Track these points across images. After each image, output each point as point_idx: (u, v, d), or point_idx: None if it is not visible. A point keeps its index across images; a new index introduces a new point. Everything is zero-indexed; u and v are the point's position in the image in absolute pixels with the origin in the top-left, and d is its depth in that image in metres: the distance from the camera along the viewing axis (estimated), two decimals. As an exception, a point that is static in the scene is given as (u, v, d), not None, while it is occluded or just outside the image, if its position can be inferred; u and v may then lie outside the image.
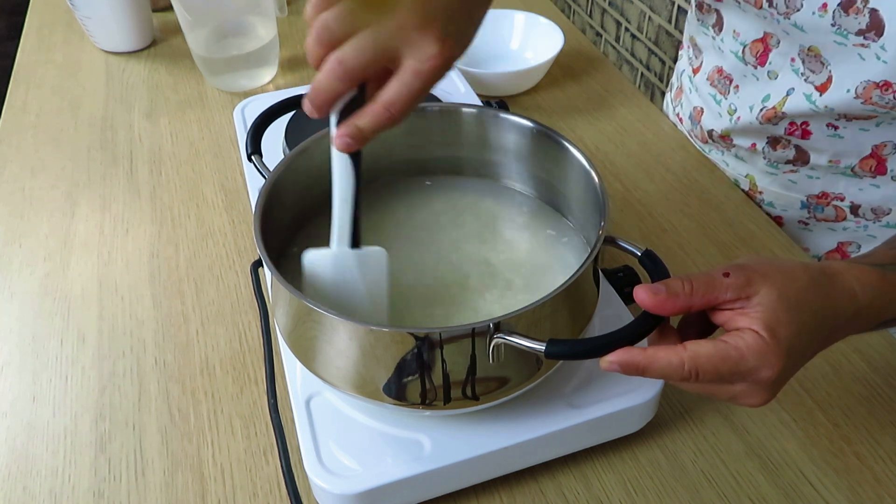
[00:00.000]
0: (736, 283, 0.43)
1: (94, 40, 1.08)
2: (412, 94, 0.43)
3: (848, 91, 0.64)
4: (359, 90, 0.45)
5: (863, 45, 0.62)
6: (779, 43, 0.70)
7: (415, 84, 0.43)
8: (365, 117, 0.44)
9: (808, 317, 0.43)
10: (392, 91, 0.43)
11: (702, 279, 0.43)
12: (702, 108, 0.84)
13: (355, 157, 0.48)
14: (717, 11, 0.78)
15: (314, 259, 0.50)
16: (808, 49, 0.66)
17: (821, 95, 0.67)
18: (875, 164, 0.72)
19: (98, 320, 0.70)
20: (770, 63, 0.72)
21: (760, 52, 0.72)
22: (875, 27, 0.60)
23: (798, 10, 0.65)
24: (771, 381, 0.42)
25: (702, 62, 0.84)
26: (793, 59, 0.69)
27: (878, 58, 0.61)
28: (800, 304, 0.43)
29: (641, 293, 0.43)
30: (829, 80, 0.66)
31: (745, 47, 0.74)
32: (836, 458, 0.57)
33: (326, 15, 0.42)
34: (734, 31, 0.75)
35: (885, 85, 0.62)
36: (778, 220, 0.82)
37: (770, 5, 0.67)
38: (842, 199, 0.76)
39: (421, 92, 0.43)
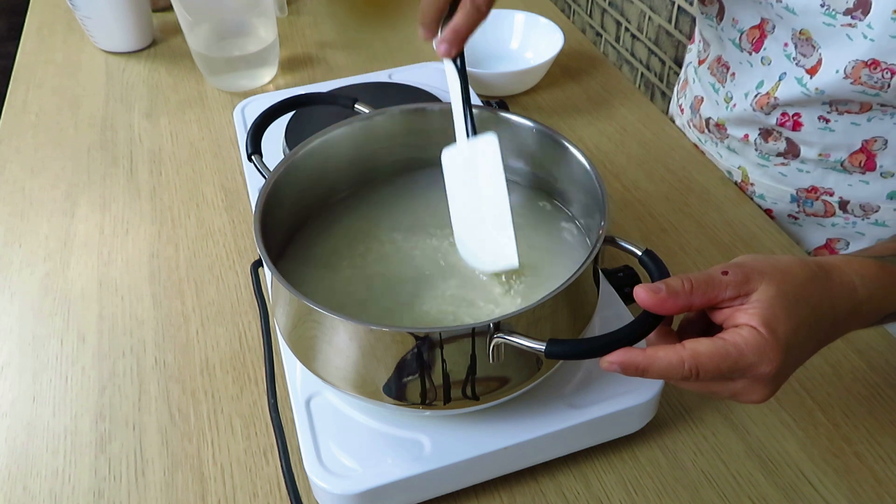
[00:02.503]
0: (735, 280, 0.43)
1: (93, 40, 1.08)
2: None
3: (837, 72, 0.65)
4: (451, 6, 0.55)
5: (850, 24, 0.62)
6: (774, 28, 0.70)
7: None
8: (458, 18, 0.53)
9: (806, 312, 0.43)
10: None
11: (701, 277, 0.43)
12: (702, 98, 0.84)
13: (460, 60, 0.56)
14: (719, 1, 0.78)
15: (449, 155, 0.57)
16: (800, 32, 0.67)
17: (811, 78, 0.67)
18: (864, 160, 0.72)
19: (98, 320, 0.70)
20: (765, 49, 0.72)
21: (757, 38, 0.73)
22: (862, 6, 0.61)
23: None
24: (770, 377, 0.42)
25: (709, 54, 0.84)
26: (786, 45, 0.70)
27: (865, 36, 0.61)
28: (798, 300, 0.43)
29: (641, 293, 0.43)
30: (819, 62, 0.66)
31: (742, 34, 0.75)
32: (836, 458, 0.57)
33: None
34: (733, 19, 0.76)
35: (873, 63, 0.62)
36: (768, 213, 0.82)
37: None
38: (831, 195, 0.77)
39: None
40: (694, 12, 1.49)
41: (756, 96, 0.74)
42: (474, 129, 0.56)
